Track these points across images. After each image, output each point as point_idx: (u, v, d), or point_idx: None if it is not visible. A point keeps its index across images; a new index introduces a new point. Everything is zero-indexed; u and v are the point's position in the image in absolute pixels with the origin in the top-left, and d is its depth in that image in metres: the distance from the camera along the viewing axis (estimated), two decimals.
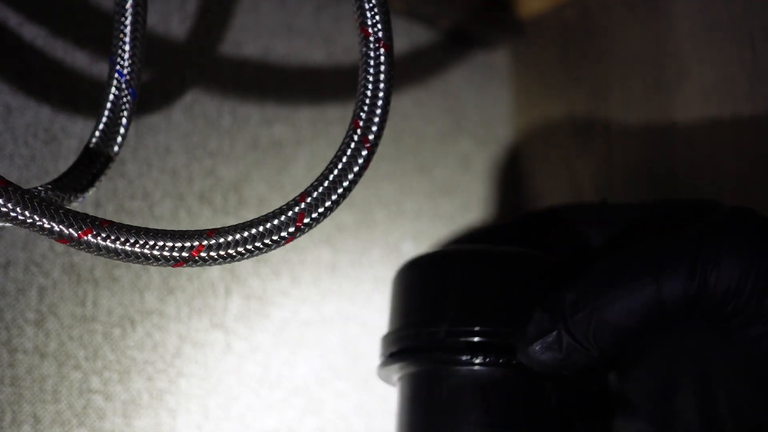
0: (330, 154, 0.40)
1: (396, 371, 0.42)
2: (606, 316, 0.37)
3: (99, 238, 0.37)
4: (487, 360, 0.39)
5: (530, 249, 0.43)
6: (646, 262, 0.37)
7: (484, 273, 0.41)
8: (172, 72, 0.52)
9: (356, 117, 0.40)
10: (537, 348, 0.38)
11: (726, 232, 0.37)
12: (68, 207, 0.39)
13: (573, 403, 0.40)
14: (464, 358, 0.40)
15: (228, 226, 0.38)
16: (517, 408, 0.40)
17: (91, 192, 0.41)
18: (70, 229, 0.36)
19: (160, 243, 0.37)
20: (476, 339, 0.40)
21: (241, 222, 0.39)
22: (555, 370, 0.39)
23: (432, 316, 0.41)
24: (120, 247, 0.37)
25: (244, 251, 0.38)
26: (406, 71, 0.62)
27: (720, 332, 0.37)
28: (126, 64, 0.42)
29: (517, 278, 0.41)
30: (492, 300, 0.40)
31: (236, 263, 0.43)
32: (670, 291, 0.36)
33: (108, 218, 0.38)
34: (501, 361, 0.39)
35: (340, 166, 0.39)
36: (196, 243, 0.38)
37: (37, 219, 0.36)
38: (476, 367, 0.40)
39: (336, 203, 0.39)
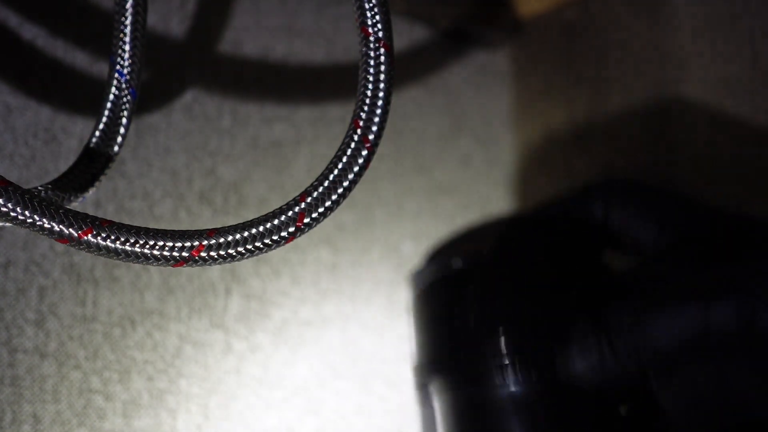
0: (330, 154, 0.40)
1: (433, 394, 0.42)
2: (650, 337, 0.36)
3: (99, 238, 0.36)
4: (522, 377, 0.38)
5: (557, 247, 0.42)
6: (699, 289, 0.36)
7: (499, 289, 0.40)
8: (172, 72, 0.52)
9: (356, 117, 0.40)
10: (576, 363, 0.38)
11: None
12: (68, 207, 0.39)
13: (613, 417, 0.40)
14: (498, 381, 0.39)
15: (228, 226, 0.38)
16: (559, 421, 0.39)
17: (91, 192, 0.41)
18: (70, 229, 0.36)
19: (160, 243, 0.37)
20: (507, 361, 0.38)
21: (241, 222, 0.39)
22: (593, 386, 0.38)
23: (456, 342, 0.40)
24: (120, 247, 0.37)
25: (244, 251, 0.38)
26: (406, 71, 0.62)
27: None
28: (126, 64, 0.42)
29: (539, 289, 0.40)
30: (514, 316, 0.39)
31: (236, 263, 0.43)
32: (717, 322, 0.35)
33: (108, 218, 0.38)
34: (535, 377, 0.38)
35: (340, 166, 0.39)
36: (196, 243, 0.38)
37: (37, 219, 0.36)
38: (513, 388, 0.38)
39: (336, 203, 0.39)
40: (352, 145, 0.40)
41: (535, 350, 0.39)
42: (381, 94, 0.40)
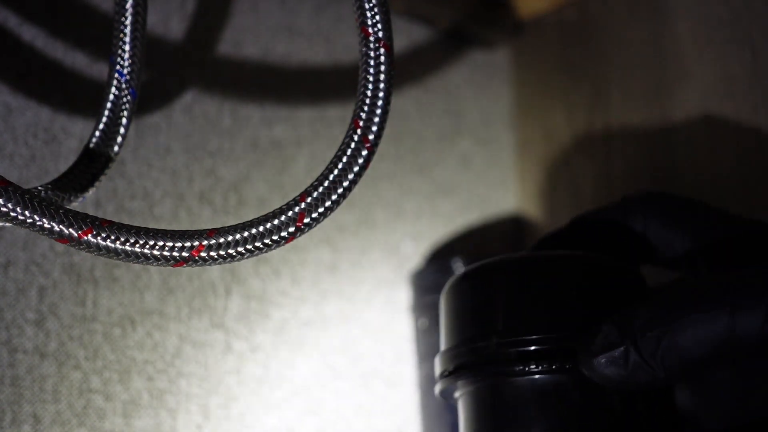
0: (330, 154, 0.40)
1: (456, 389, 0.42)
2: (677, 340, 0.37)
3: (99, 238, 0.36)
4: (543, 367, 0.39)
5: (594, 252, 0.42)
6: (727, 294, 0.36)
7: (531, 280, 0.40)
8: (172, 72, 0.52)
9: (356, 117, 0.40)
10: (602, 361, 0.38)
11: None
12: (68, 207, 0.39)
13: (637, 408, 0.40)
14: (519, 368, 0.39)
15: (228, 226, 0.38)
16: (580, 413, 0.39)
17: (91, 192, 0.41)
18: (70, 229, 0.36)
19: (160, 243, 0.37)
20: (531, 348, 0.39)
21: (241, 222, 0.39)
22: (617, 385, 0.38)
23: (483, 329, 0.40)
24: (120, 247, 0.37)
25: (244, 251, 0.38)
26: (406, 71, 0.62)
27: None
28: (126, 64, 0.42)
29: (569, 283, 0.40)
30: (542, 306, 0.40)
31: (236, 263, 0.43)
32: (744, 327, 0.36)
33: (108, 218, 0.38)
34: (556, 367, 0.39)
35: (340, 166, 0.39)
36: (196, 243, 0.38)
37: (37, 219, 0.36)
38: (536, 376, 0.39)
39: (336, 203, 0.39)
40: (352, 145, 0.40)
41: (558, 341, 0.39)
42: (381, 94, 0.40)
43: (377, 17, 0.40)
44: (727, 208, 0.43)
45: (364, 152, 0.40)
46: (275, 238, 0.39)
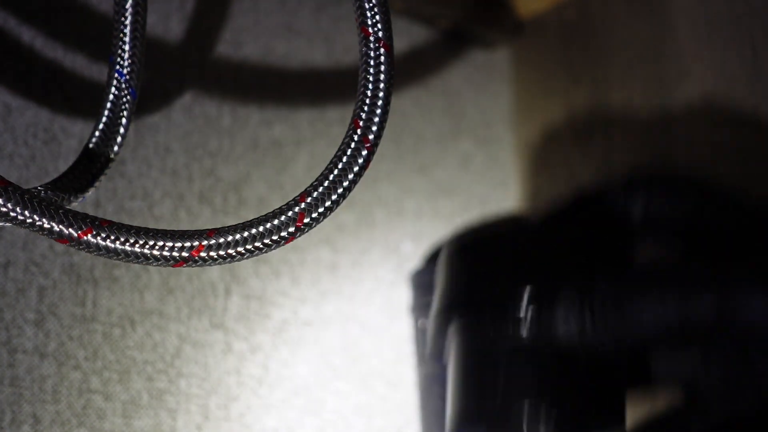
0: (330, 154, 0.40)
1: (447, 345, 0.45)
2: (628, 317, 0.38)
3: (99, 238, 0.36)
4: (508, 331, 0.41)
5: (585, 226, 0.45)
6: (680, 280, 0.38)
7: (526, 250, 0.44)
8: (172, 72, 0.52)
9: (356, 117, 0.40)
10: (559, 326, 0.39)
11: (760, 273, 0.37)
12: (68, 207, 0.39)
13: (590, 379, 0.41)
14: (494, 329, 0.42)
15: (228, 226, 0.38)
16: (530, 374, 0.41)
17: (91, 192, 0.41)
18: (70, 229, 0.36)
19: (160, 243, 0.37)
20: (510, 312, 0.41)
21: (241, 222, 0.39)
22: (566, 346, 0.39)
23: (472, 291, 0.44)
24: (120, 247, 0.37)
25: (244, 251, 0.38)
26: (406, 71, 0.62)
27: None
28: (126, 64, 0.42)
29: (558, 256, 0.43)
30: (515, 274, 0.43)
31: (236, 263, 0.43)
32: (696, 313, 0.37)
33: (108, 218, 0.38)
34: (519, 333, 0.41)
35: (340, 166, 0.39)
36: (196, 243, 0.38)
37: (37, 219, 0.36)
38: (508, 338, 0.41)
39: (336, 203, 0.39)
40: (352, 145, 0.40)
41: (526, 306, 0.41)
42: (381, 94, 0.40)
43: (377, 17, 0.40)
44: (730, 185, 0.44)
45: (364, 152, 0.40)
46: (275, 238, 0.39)
